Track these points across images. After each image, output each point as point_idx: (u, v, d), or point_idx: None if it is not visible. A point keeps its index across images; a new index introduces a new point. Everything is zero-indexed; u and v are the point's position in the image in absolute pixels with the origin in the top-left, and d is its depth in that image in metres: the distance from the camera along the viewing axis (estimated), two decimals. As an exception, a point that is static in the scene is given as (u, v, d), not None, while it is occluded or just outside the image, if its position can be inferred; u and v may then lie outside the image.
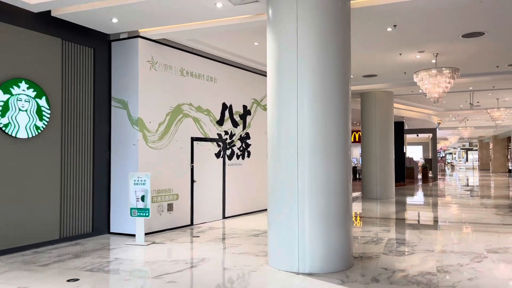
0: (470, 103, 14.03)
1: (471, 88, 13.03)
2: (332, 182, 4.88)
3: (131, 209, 6.54)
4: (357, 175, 23.11)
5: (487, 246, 6.06)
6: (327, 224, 4.84)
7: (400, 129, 20.91)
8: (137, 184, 6.52)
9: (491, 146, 38.89)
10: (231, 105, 9.12)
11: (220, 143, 8.87)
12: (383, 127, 13.10)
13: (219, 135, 8.85)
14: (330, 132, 4.91)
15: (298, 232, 4.85)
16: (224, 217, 8.89)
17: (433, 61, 9.50)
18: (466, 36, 7.77)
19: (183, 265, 5.18)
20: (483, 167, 40.90)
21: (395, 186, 16.38)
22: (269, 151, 5.24)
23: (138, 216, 6.49)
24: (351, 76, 11.75)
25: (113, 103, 7.38)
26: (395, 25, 7.11)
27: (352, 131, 25.52)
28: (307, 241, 4.82)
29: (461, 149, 55.63)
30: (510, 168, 32.78)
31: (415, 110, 18.06)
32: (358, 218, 9.42)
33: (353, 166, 24.84)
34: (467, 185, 19.65)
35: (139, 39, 7.16)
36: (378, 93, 13.04)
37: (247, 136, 9.65)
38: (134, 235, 6.68)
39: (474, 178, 25.76)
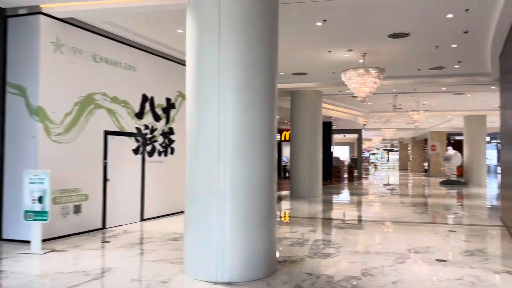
0: (393, 105, 14.58)
1: (394, 90, 13.49)
2: (255, 182, 4.47)
3: (26, 212, 5.61)
4: (287, 174, 23.27)
5: (409, 246, 6.05)
6: (249, 227, 4.41)
7: (328, 129, 21.36)
8: (33, 183, 5.60)
9: (409, 147, 41.68)
10: (152, 97, 8.39)
11: (139, 138, 8.11)
12: (312, 127, 13.10)
13: (138, 129, 8.08)
14: (254, 129, 4.48)
15: (217, 237, 4.36)
16: (142, 219, 8.15)
17: (361, 61, 9.55)
18: (393, 36, 7.82)
19: (82, 278, 4.44)
20: (403, 167, 43.69)
21: (323, 185, 16.56)
22: (188, 147, 4.69)
23: (34, 220, 5.58)
24: (281, 73, 11.62)
25: (8, 89, 6.33)
26: (325, 20, 6.91)
27: (283, 130, 25.69)
28: (227, 247, 4.35)
29: (383, 149, 59.10)
30: (426, 168, 35.28)
31: (343, 110, 18.50)
32: (286, 218, 9.19)
33: (283, 165, 25.01)
34: (389, 184, 20.61)
35: (41, 16, 6.20)
36: (308, 92, 13.01)
37: (171, 131, 8.97)
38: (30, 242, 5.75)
39: (395, 177, 27.23)
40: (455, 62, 9.81)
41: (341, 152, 38.16)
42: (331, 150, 21.76)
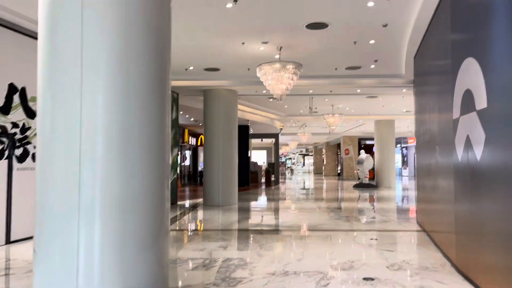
0: (309, 108, 14.22)
1: (311, 91, 13.08)
2: (136, 193, 3.26)
3: None
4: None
5: (331, 261, 5.27)
6: (125, 252, 3.19)
7: (245, 132, 20.63)
8: None
9: (323, 152, 42.92)
10: (24, 87, 6.70)
11: (4, 139, 6.38)
12: (227, 129, 12.11)
13: (2, 127, 6.35)
14: (134, 126, 3.26)
15: (78, 272, 3.07)
16: (8, 242, 6.40)
17: (277, 56, 8.79)
18: (310, 27, 7.13)
19: None
20: (317, 171, 44.89)
21: (239, 191, 15.70)
22: (38, 151, 3.32)
23: None
24: (191, 67, 10.49)
25: None
26: (236, 0, 5.93)
27: (199, 134, 24.42)
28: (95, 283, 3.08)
29: (299, 154, 60.55)
30: (339, 172, 36.43)
31: (260, 113, 17.86)
32: (194, 231, 8.02)
33: (200, 171, 23.75)
34: (305, 188, 20.43)
35: None
36: (222, 91, 12.01)
37: (52, 131, 7.31)
38: None
39: (310, 181, 27.45)
40: (371, 61, 9.51)
41: (258, 157, 37.91)
42: (249, 155, 21.04)
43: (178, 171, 18.43)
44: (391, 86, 11.39)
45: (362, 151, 21.31)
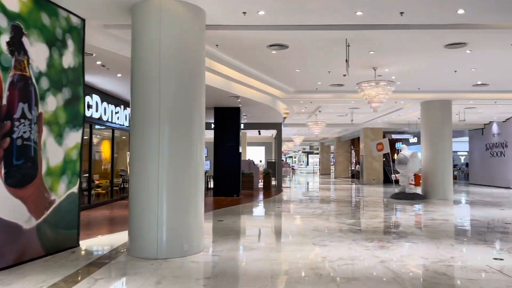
0: (346, 61, 7.83)
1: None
2: None
3: None
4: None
5: None
6: None
7: (234, 118, 14.25)
8: None
9: (332, 149, 36.59)
10: None
11: None
12: (180, 96, 5.72)
13: None
14: None
15: None
16: None
17: None
18: None
19: None
20: (324, 172, 38.57)
21: (221, 206, 9.57)
22: None
23: None
24: None
25: None
26: None
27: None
28: None
29: (302, 152, 54.12)
30: (352, 173, 30.06)
31: (256, 85, 11.45)
32: None
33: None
34: (324, 201, 13.92)
35: None
36: (170, 5, 5.63)
37: None
38: None
39: (325, 187, 21.06)
40: None
41: (255, 155, 31.52)
42: (240, 151, 14.68)
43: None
44: None
45: (404, 146, 14.94)
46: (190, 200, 5.60)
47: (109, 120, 11.73)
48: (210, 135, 14.99)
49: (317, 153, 44.51)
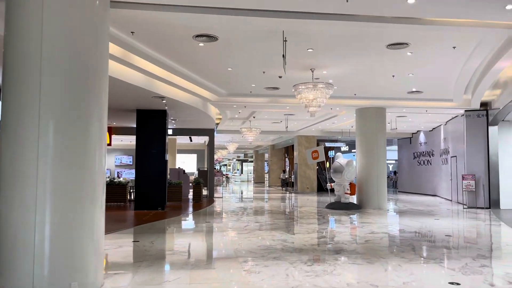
0: (282, 56, 6.93)
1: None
2: None
3: None
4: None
5: None
6: None
7: (159, 121, 12.83)
8: None
9: (266, 157, 36.07)
10: None
11: None
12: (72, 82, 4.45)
13: None
14: None
15: None
16: None
17: None
18: None
19: None
20: (259, 180, 37.91)
21: (140, 223, 8.28)
22: None
23: None
24: None
25: None
26: None
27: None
28: None
29: (236, 160, 53.27)
30: (284, 181, 29.59)
31: (183, 85, 10.22)
32: None
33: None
34: (257, 211, 12.94)
35: None
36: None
37: None
38: None
39: (259, 195, 20.19)
40: None
41: (186, 163, 29.92)
42: (166, 158, 13.25)
43: None
44: None
45: (339, 154, 14.48)
46: (84, 220, 4.25)
47: None
48: (133, 140, 13.37)
49: (252, 161, 43.87)
